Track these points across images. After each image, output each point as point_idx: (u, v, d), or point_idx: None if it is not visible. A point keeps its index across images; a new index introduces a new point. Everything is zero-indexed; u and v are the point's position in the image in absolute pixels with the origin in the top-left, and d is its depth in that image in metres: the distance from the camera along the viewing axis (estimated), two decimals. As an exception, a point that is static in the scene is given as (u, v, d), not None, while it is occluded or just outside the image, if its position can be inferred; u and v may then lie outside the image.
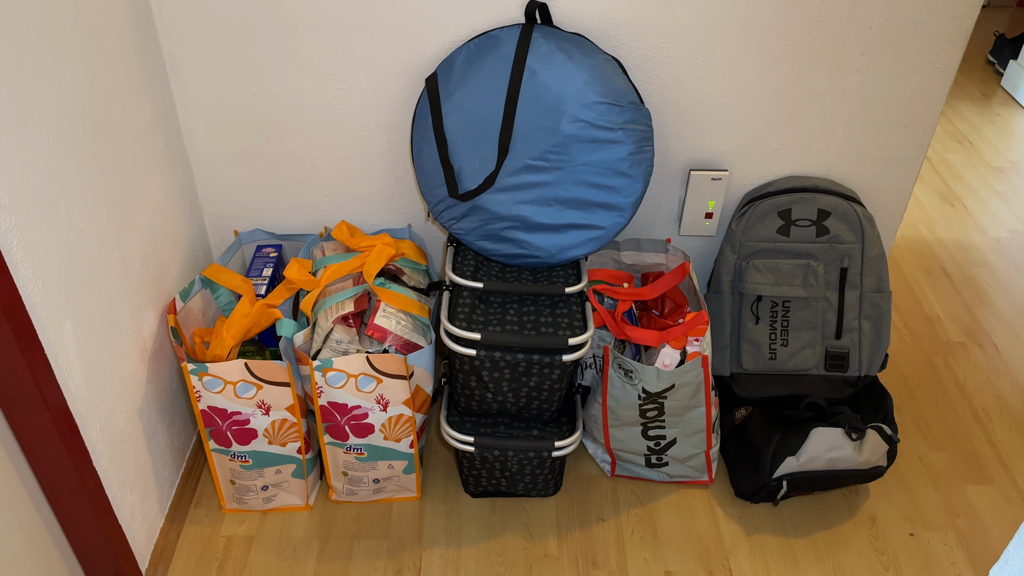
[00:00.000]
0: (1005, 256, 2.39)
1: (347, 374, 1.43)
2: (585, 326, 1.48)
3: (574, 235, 1.54)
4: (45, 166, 1.15)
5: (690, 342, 1.57)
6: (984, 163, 2.82)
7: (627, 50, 1.52)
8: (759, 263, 1.65)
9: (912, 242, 2.43)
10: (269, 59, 1.53)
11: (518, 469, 1.60)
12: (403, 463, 1.59)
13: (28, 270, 1.11)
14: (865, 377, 1.67)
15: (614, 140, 1.46)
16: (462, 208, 1.54)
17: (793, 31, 1.49)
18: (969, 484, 1.73)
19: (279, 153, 1.66)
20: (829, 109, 1.58)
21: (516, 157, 1.49)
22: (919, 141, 1.63)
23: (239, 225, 1.77)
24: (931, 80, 1.55)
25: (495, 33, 1.46)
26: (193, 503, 1.68)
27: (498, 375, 1.49)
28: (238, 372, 1.44)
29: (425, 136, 1.52)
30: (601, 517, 1.66)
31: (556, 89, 1.44)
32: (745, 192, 1.71)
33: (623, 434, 1.64)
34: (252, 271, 1.68)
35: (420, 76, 1.56)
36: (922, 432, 1.85)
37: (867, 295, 1.64)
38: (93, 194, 1.28)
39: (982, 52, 3.65)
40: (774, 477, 1.59)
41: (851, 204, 1.61)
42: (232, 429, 1.52)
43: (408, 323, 1.49)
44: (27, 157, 1.11)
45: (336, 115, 1.60)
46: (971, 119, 3.09)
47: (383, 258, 1.54)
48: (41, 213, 1.14)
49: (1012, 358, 2.04)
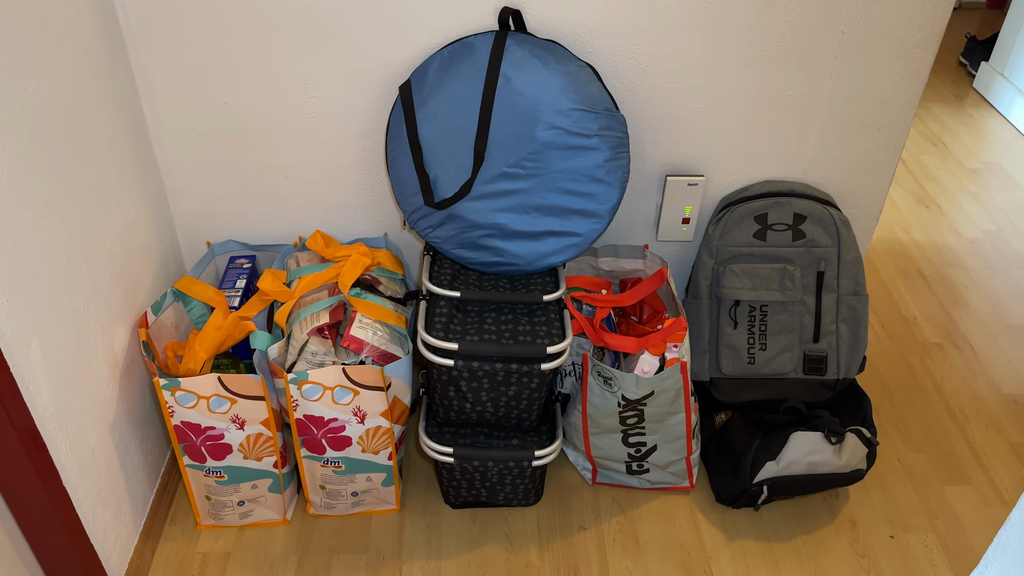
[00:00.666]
0: (979, 257, 2.41)
1: (323, 386, 1.42)
2: (563, 334, 1.47)
3: (551, 242, 1.53)
4: (8, 179, 1.13)
5: (669, 348, 1.56)
6: (958, 164, 2.84)
7: (601, 56, 1.52)
8: (736, 268, 1.65)
9: (888, 244, 2.45)
10: (240, 68, 1.51)
11: (498, 479, 1.58)
12: (382, 475, 1.57)
13: (-9, 287, 1.09)
14: (843, 380, 1.67)
15: (590, 147, 1.45)
16: (438, 216, 1.53)
17: (766, 36, 1.49)
18: (948, 485, 1.74)
19: (252, 163, 1.64)
20: (803, 113, 1.59)
21: (492, 165, 1.48)
22: (893, 144, 1.63)
23: (211, 236, 1.74)
24: (903, 84, 1.56)
25: (469, 40, 1.45)
26: (168, 520, 1.65)
27: (476, 385, 1.47)
28: (211, 386, 1.42)
29: (400, 144, 1.50)
30: (583, 526, 1.65)
31: (531, 96, 1.43)
32: (721, 197, 1.71)
33: (603, 441, 1.64)
34: (225, 283, 1.66)
35: (394, 84, 1.54)
36: (901, 434, 1.85)
37: (844, 298, 1.64)
38: (60, 207, 1.26)
39: (954, 54, 3.69)
40: (754, 482, 1.58)
41: (826, 208, 1.61)
42: (206, 444, 1.50)
43: (385, 334, 1.48)
44: (-11, 171, 1.08)
45: (309, 123, 1.59)
46: (944, 121, 3.12)
47: (358, 268, 1.52)
48: (5, 227, 1.12)
49: (988, 358, 2.06)
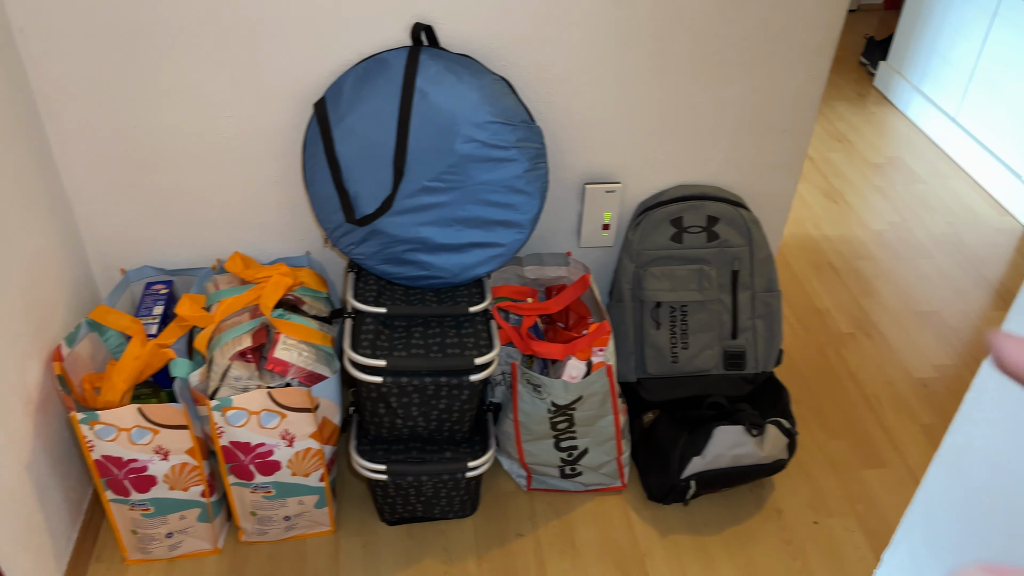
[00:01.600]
0: (887, 248, 2.53)
1: (248, 411, 1.39)
2: (491, 345, 1.49)
3: (476, 254, 1.55)
4: (-99, 216, 1.08)
5: (595, 352, 1.59)
6: (863, 160, 2.98)
7: (515, 69, 1.54)
8: (656, 270, 1.69)
9: (800, 240, 2.55)
10: (149, 91, 1.48)
11: (433, 493, 1.58)
12: (314, 498, 1.56)
13: None
14: (762, 373, 1.73)
15: (509, 158, 1.47)
16: (360, 233, 1.53)
17: (673, 46, 1.54)
18: (866, 469, 1.82)
19: (165, 186, 1.60)
20: (712, 119, 1.64)
21: (412, 179, 1.49)
22: (798, 146, 1.70)
23: (126, 263, 1.70)
24: (805, 87, 1.63)
25: (383, 56, 1.46)
26: (94, 557, 1.60)
27: (407, 400, 1.47)
28: (132, 418, 1.38)
29: (317, 162, 1.49)
30: (519, 532, 1.67)
31: (448, 110, 1.44)
32: (639, 202, 1.76)
33: (536, 448, 1.66)
34: (142, 310, 1.62)
35: (308, 101, 1.53)
36: (820, 422, 1.93)
37: (758, 295, 1.71)
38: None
39: (855, 55, 3.86)
40: (682, 477, 1.63)
41: (737, 209, 1.67)
42: (130, 477, 1.45)
43: (311, 354, 1.46)
44: None
45: (224, 144, 1.56)
46: (849, 119, 3.26)
47: (280, 289, 1.50)
48: (-101, 267, 1.07)
49: (898, 345, 2.16)
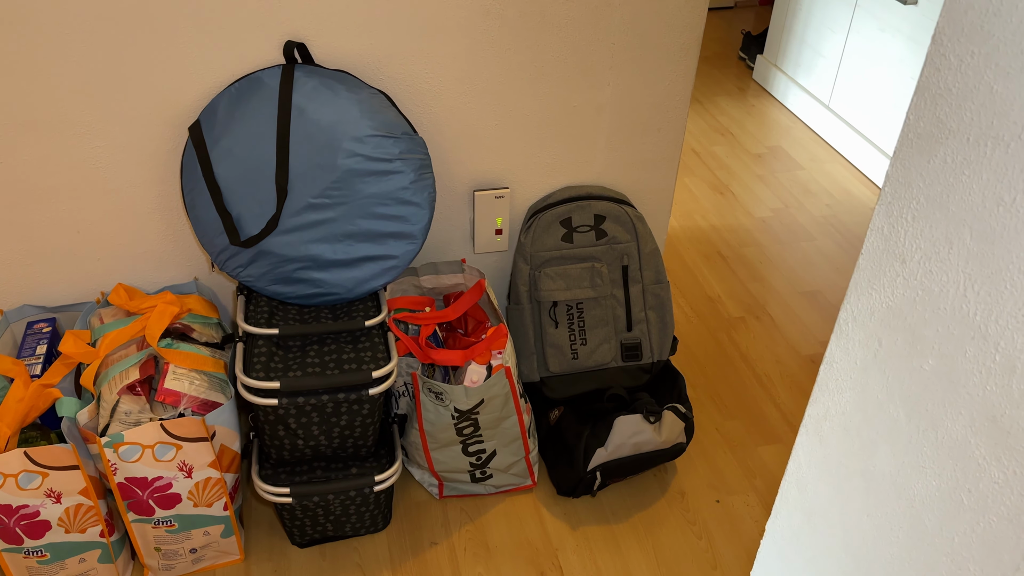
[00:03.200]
0: (770, 234, 2.65)
1: (142, 445, 1.36)
2: (388, 357, 1.49)
3: (369, 267, 1.55)
4: None
5: (494, 356, 1.62)
6: (745, 151, 3.11)
7: (393, 82, 1.55)
8: (550, 271, 1.73)
9: (690, 231, 2.65)
10: (10, 125, 1.43)
11: (342, 511, 1.58)
12: (219, 527, 1.53)
13: None
14: (658, 363, 1.80)
15: (393, 170, 1.48)
16: (247, 255, 1.51)
17: (545, 53, 1.58)
18: (761, 445, 1.91)
19: (39, 221, 1.55)
20: (590, 122, 1.69)
21: (296, 197, 1.48)
22: (673, 142, 1.78)
23: (4, 303, 1.63)
24: (674, 86, 1.70)
25: (256, 75, 1.45)
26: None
27: (306, 420, 1.46)
28: (18, 463, 1.33)
29: (196, 186, 1.47)
30: (433, 541, 1.68)
31: (327, 125, 1.44)
32: (528, 206, 1.80)
33: (444, 455, 1.67)
34: (24, 351, 1.55)
35: (182, 125, 1.51)
36: (716, 404, 2.01)
37: (648, 287, 1.77)
38: None
39: (734, 50, 4.03)
40: (588, 469, 1.67)
41: (622, 207, 1.73)
42: (21, 524, 1.40)
43: (203, 382, 1.44)
44: None
45: (97, 175, 1.52)
46: (730, 112, 3.40)
47: (166, 318, 1.47)
48: None
49: (785, 325, 2.27)
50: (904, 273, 0.75)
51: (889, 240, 0.76)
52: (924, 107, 0.70)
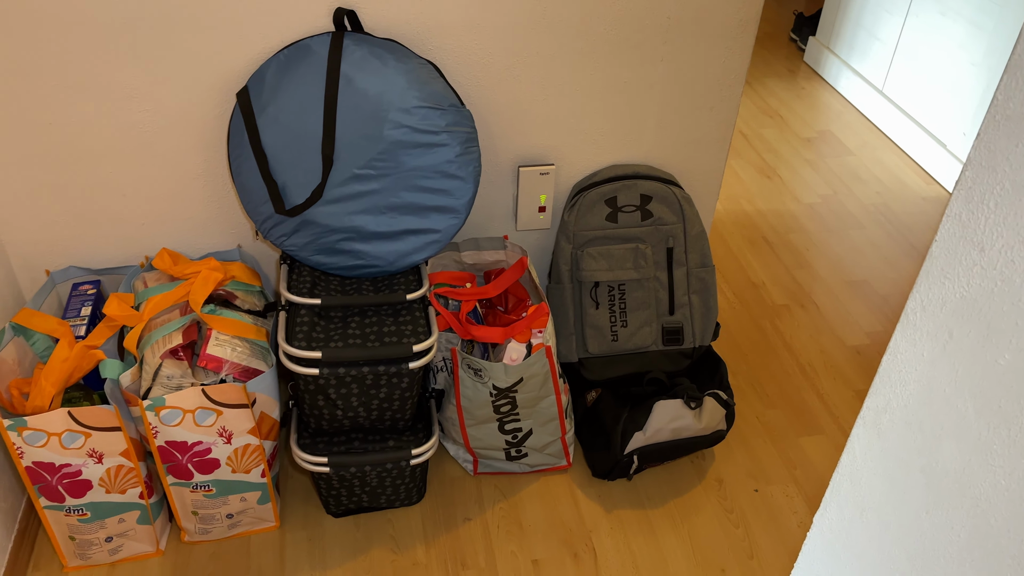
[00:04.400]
0: (818, 220, 2.59)
1: (183, 410, 1.37)
2: (429, 331, 1.48)
3: (411, 241, 1.54)
4: None
5: (534, 334, 1.60)
6: (794, 135, 3.04)
7: (442, 53, 1.53)
8: (593, 251, 1.70)
9: (735, 215, 2.59)
10: (60, 88, 1.43)
11: (378, 483, 1.58)
12: (256, 494, 1.54)
13: None
14: (700, 348, 1.77)
15: (439, 143, 1.46)
16: (291, 224, 1.50)
17: (597, 27, 1.54)
18: (803, 436, 1.87)
19: (86, 184, 1.55)
20: (640, 98, 1.65)
21: (342, 167, 1.47)
22: (725, 122, 1.73)
23: (50, 264, 1.64)
24: (729, 63, 1.65)
25: (305, 42, 1.43)
26: (31, 566, 1.55)
27: (346, 391, 1.46)
28: (62, 422, 1.34)
29: (243, 153, 1.46)
30: (467, 517, 1.67)
31: (375, 96, 1.42)
32: (573, 184, 1.77)
33: (481, 432, 1.66)
34: (69, 312, 1.57)
35: (230, 91, 1.50)
36: (757, 393, 1.98)
37: (693, 271, 1.73)
38: None
39: (785, 31, 3.93)
40: (625, 453, 1.65)
41: (669, 187, 1.69)
42: (63, 483, 1.42)
43: (245, 349, 1.44)
44: None
45: (145, 139, 1.52)
46: (780, 94, 3.32)
47: (210, 284, 1.47)
48: None
49: (831, 314, 2.22)
50: (982, 262, 0.71)
51: (967, 227, 0.72)
52: (1015, 87, 0.65)
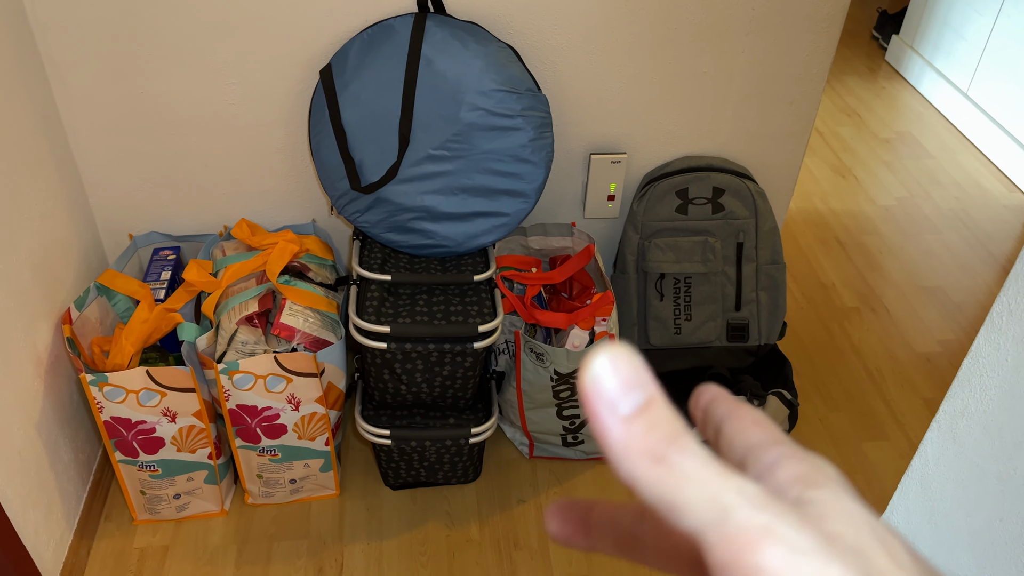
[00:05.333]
0: (893, 223, 2.52)
1: (255, 375, 1.41)
2: (495, 313, 1.50)
3: (480, 223, 1.55)
4: (-89, 177, 1.09)
5: (598, 322, 1.60)
6: (872, 135, 2.96)
7: (521, 37, 1.54)
8: (660, 242, 1.69)
9: (807, 214, 2.54)
10: (154, 56, 1.48)
11: (436, 458, 1.60)
12: (319, 461, 1.58)
13: (-101, 288, 1.05)
14: (765, 346, 1.74)
15: (514, 127, 1.47)
16: (366, 201, 1.53)
17: (680, 14, 1.53)
18: (866, 441, 1.83)
19: (171, 152, 1.61)
20: (718, 89, 1.63)
21: (417, 147, 1.49)
22: (805, 117, 1.70)
23: (134, 228, 1.71)
24: (813, 58, 1.62)
25: (389, 23, 1.45)
26: (103, 517, 1.63)
27: (411, 366, 1.49)
28: (140, 380, 1.40)
29: (323, 129, 1.50)
30: (521, 499, 1.69)
31: (453, 78, 1.44)
32: (644, 174, 1.76)
33: (539, 416, 1.67)
34: (150, 275, 1.63)
35: (314, 68, 1.53)
36: (821, 395, 1.94)
37: (763, 267, 1.71)
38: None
39: (867, 28, 3.82)
40: (684, 447, 1.64)
41: (743, 181, 1.67)
42: (138, 439, 1.48)
43: (316, 320, 1.48)
44: None
45: (229, 111, 1.57)
46: (859, 93, 3.23)
47: (286, 255, 1.51)
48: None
49: (902, 320, 2.16)
50: (1080, 266, 0.69)
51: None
52: None
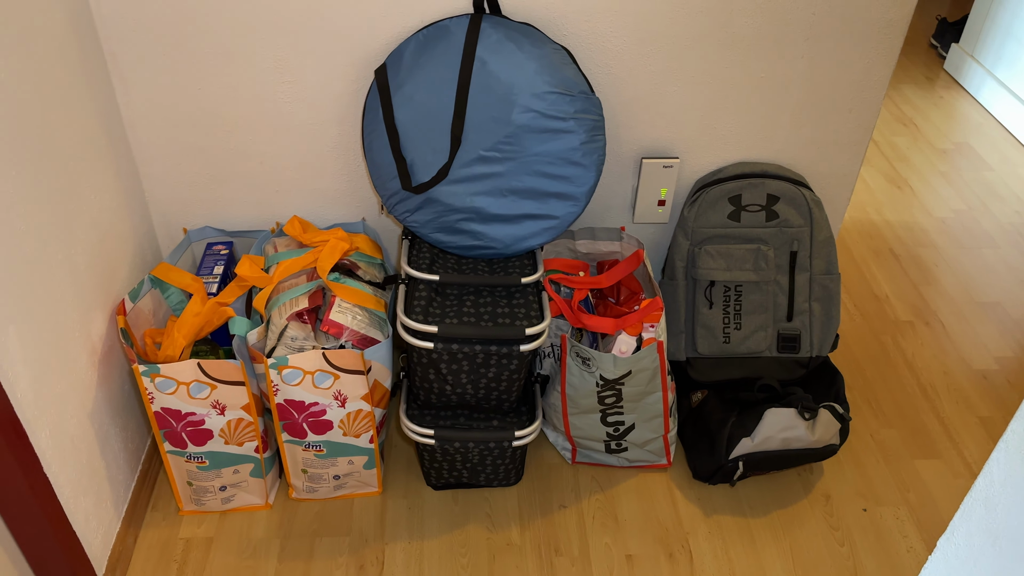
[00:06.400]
0: (949, 236, 2.45)
1: (303, 371, 1.42)
2: (542, 316, 1.49)
3: (529, 225, 1.55)
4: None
5: (645, 328, 1.59)
6: (929, 145, 2.89)
7: (576, 39, 1.53)
8: (711, 249, 1.67)
9: (861, 224, 2.48)
10: (213, 54, 1.50)
11: (479, 460, 1.60)
12: (363, 458, 1.59)
13: (-34, 275, 1.08)
14: (817, 358, 1.70)
15: (566, 130, 1.46)
16: (416, 201, 1.54)
17: (738, 19, 1.51)
18: (919, 459, 1.78)
19: (227, 149, 1.63)
20: (775, 95, 1.61)
21: (469, 148, 1.49)
22: (864, 125, 1.66)
23: (188, 223, 1.74)
24: (874, 65, 1.58)
25: (444, 23, 1.46)
26: (150, 506, 1.65)
27: (456, 367, 1.48)
28: (191, 372, 1.42)
29: (376, 128, 1.50)
30: (563, 504, 1.68)
31: (507, 79, 1.44)
32: (696, 179, 1.73)
33: (582, 421, 1.66)
34: (203, 269, 1.66)
35: (369, 68, 1.54)
36: (873, 410, 1.89)
37: (816, 277, 1.67)
38: (33, 195, 1.25)
39: (925, 36, 3.73)
40: (730, 458, 1.61)
41: (799, 188, 1.63)
42: (187, 430, 1.50)
43: (364, 318, 1.48)
44: (-39, 158, 1.08)
45: (284, 109, 1.58)
46: (916, 102, 3.16)
47: (337, 253, 1.52)
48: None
49: (957, 335, 2.10)
50: None
51: None
52: None
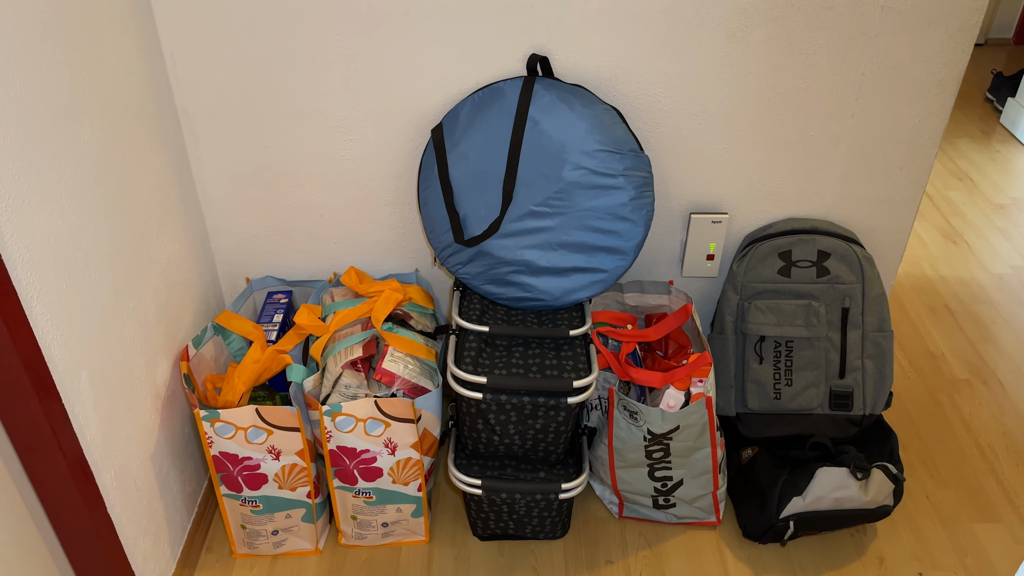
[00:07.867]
0: (1008, 292, 2.40)
1: (356, 418, 1.46)
2: (589, 368, 1.51)
3: (578, 278, 1.57)
4: (64, 222, 1.19)
5: (694, 383, 1.59)
6: (985, 200, 2.85)
7: (626, 100, 1.57)
8: (761, 304, 1.67)
9: (915, 279, 2.45)
10: (280, 113, 1.58)
11: (526, 511, 1.61)
12: (411, 506, 1.61)
13: (47, 322, 1.15)
14: (870, 416, 1.68)
15: (615, 186, 1.49)
16: (468, 253, 1.58)
17: (787, 79, 1.53)
18: (977, 522, 1.73)
19: (289, 202, 1.70)
20: (825, 153, 1.62)
21: (520, 203, 1.53)
22: (915, 183, 1.66)
23: (250, 272, 1.81)
24: (925, 123, 1.59)
25: (498, 85, 1.51)
26: (204, 548, 1.69)
27: (504, 418, 1.51)
28: (249, 418, 1.47)
29: (431, 184, 1.56)
30: (609, 559, 1.67)
31: (558, 138, 1.48)
32: (745, 234, 1.74)
33: (630, 475, 1.65)
34: (263, 317, 1.72)
35: (426, 127, 1.61)
36: (929, 470, 1.85)
37: (869, 334, 1.66)
38: (109, 246, 1.33)
39: (981, 90, 3.70)
40: (781, 517, 1.59)
41: (850, 245, 1.63)
42: (243, 474, 1.54)
43: (415, 367, 1.52)
44: (46, 214, 1.15)
45: (345, 165, 1.65)
46: (971, 156, 3.12)
47: (391, 303, 1.57)
48: (59, 267, 1.18)
49: (1017, 394, 2.05)
50: None
51: None
52: None
